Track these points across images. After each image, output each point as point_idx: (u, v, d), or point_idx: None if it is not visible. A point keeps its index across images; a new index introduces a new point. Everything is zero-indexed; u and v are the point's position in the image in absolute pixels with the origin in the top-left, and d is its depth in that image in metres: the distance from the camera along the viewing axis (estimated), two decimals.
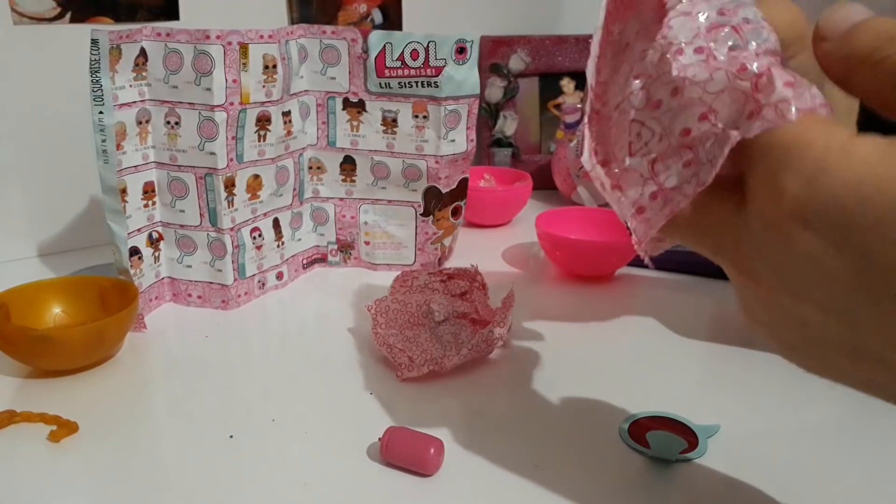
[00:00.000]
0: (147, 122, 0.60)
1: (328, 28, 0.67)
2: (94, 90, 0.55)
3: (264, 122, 0.63)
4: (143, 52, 0.59)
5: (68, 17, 0.73)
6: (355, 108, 0.69)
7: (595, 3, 0.32)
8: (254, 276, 0.66)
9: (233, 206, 0.63)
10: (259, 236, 0.66)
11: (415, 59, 0.66)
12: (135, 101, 0.59)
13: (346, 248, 0.74)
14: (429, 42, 0.66)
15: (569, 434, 0.46)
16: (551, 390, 0.51)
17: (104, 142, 0.56)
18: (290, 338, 0.60)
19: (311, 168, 0.71)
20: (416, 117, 0.68)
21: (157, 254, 0.64)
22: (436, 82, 0.67)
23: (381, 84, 0.68)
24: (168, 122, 0.61)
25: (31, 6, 0.71)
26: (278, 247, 0.69)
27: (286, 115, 0.66)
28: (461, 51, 0.66)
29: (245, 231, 0.64)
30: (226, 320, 0.63)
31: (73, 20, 0.73)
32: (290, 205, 0.70)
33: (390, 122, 0.69)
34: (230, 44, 0.59)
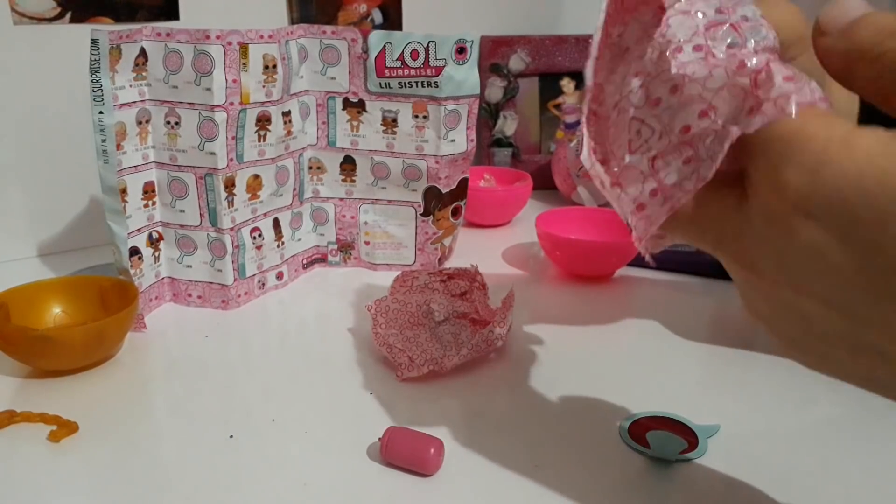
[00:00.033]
0: (147, 122, 0.60)
1: (328, 28, 0.67)
2: (94, 90, 0.55)
3: (264, 122, 0.63)
4: (143, 52, 0.59)
5: (68, 17, 0.73)
6: (355, 108, 0.69)
7: (595, 3, 0.32)
8: (254, 276, 0.66)
9: (233, 206, 0.63)
10: (259, 236, 0.66)
11: (415, 59, 0.66)
12: (135, 101, 0.59)
13: (346, 248, 0.74)
14: (429, 42, 0.66)
15: (569, 434, 0.46)
16: (551, 390, 0.51)
17: (104, 142, 0.56)
18: (290, 338, 0.60)
19: (311, 168, 0.71)
20: (416, 117, 0.68)
21: (157, 254, 0.64)
22: (436, 82, 0.67)
23: (381, 84, 0.68)
24: (168, 122, 0.61)
25: (31, 6, 0.71)
26: (278, 247, 0.69)
27: (286, 115, 0.66)
28: (461, 51, 0.66)
29: (245, 231, 0.64)
30: (226, 320, 0.63)
31: (73, 20, 0.73)
32: (290, 205, 0.70)
33: (390, 122, 0.69)
34: (230, 44, 0.59)
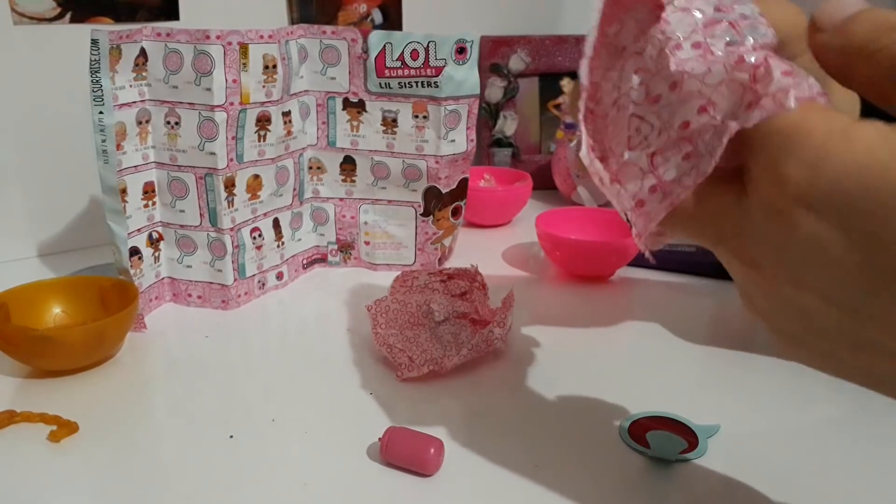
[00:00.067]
0: (147, 122, 0.60)
1: (328, 28, 0.67)
2: (94, 90, 0.55)
3: (264, 122, 0.63)
4: (143, 52, 0.59)
5: (68, 17, 0.73)
6: (355, 108, 0.69)
7: (595, 3, 0.32)
8: (254, 276, 0.66)
9: (233, 206, 0.63)
10: (259, 236, 0.66)
11: (415, 59, 0.66)
12: (135, 101, 0.59)
13: (346, 248, 0.74)
14: (429, 42, 0.66)
15: (569, 434, 0.46)
16: (551, 390, 0.51)
17: (104, 142, 0.56)
18: (290, 338, 0.60)
19: (311, 168, 0.71)
20: (416, 117, 0.68)
21: (157, 254, 0.64)
22: (436, 82, 0.67)
23: (381, 84, 0.68)
24: (168, 122, 0.61)
25: (31, 6, 0.71)
26: (278, 247, 0.69)
27: (286, 115, 0.66)
28: (461, 51, 0.66)
29: (245, 231, 0.64)
30: (226, 320, 0.63)
31: (73, 20, 0.73)
32: (290, 205, 0.70)
33: (390, 122, 0.69)
34: (230, 44, 0.59)
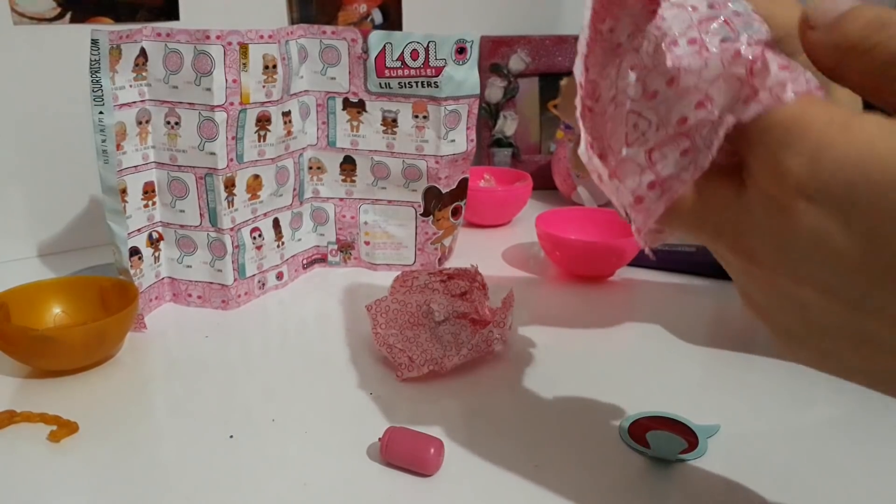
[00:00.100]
0: (147, 122, 0.60)
1: (328, 28, 0.67)
2: (94, 90, 0.55)
3: (264, 122, 0.63)
4: (143, 53, 0.59)
5: (68, 17, 0.73)
6: (355, 108, 0.69)
7: None
8: (254, 276, 0.66)
9: (233, 206, 0.63)
10: (259, 236, 0.66)
11: (415, 59, 0.66)
12: (135, 102, 0.59)
13: (346, 248, 0.74)
14: (429, 42, 0.66)
15: (569, 434, 0.46)
16: (551, 390, 0.51)
17: (104, 142, 0.56)
18: (290, 338, 0.60)
19: (311, 168, 0.71)
20: (416, 117, 0.68)
21: (157, 254, 0.64)
22: (436, 82, 0.67)
23: (381, 84, 0.68)
24: (168, 123, 0.61)
25: (31, 6, 0.71)
26: (278, 247, 0.69)
27: (286, 115, 0.66)
28: (461, 51, 0.66)
29: (245, 231, 0.65)
30: (226, 320, 0.63)
31: (73, 20, 0.73)
32: (290, 205, 0.70)
33: (390, 122, 0.69)
34: (230, 44, 0.59)
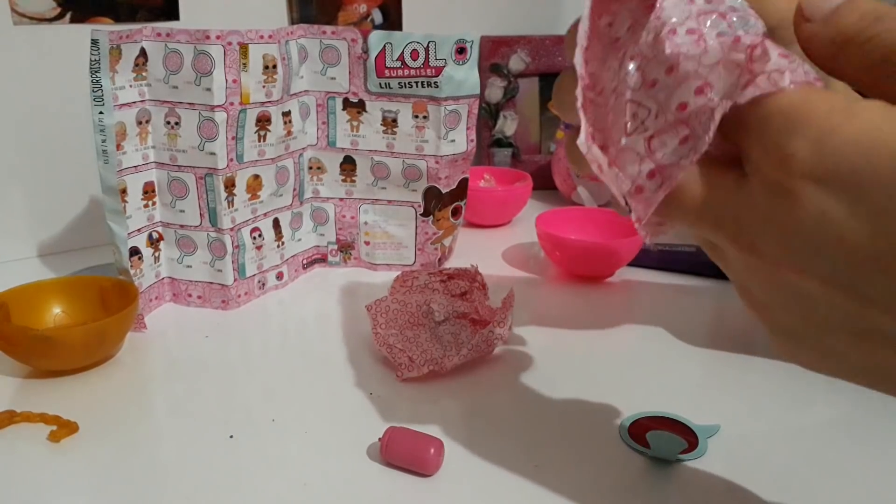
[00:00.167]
0: (147, 122, 0.61)
1: (328, 28, 0.67)
2: (94, 90, 0.55)
3: (264, 122, 0.63)
4: (143, 53, 0.59)
5: (68, 17, 0.73)
6: (355, 108, 0.69)
7: None
8: (254, 276, 0.66)
9: (233, 206, 0.63)
10: (259, 236, 0.66)
11: (415, 59, 0.66)
12: (135, 102, 0.59)
13: (346, 248, 0.74)
14: (429, 42, 0.66)
15: (569, 434, 0.46)
16: (551, 390, 0.51)
17: (104, 142, 0.56)
18: (290, 338, 0.60)
19: (311, 168, 0.71)
20: (416, 117, 0.68)
21: (157, 254, 0.64)
22: (436, 82, 0.67)
23: (381, 84, 0.68)
24: (168, 123, 0.61)
25: (31, 6, 0.71)
26: (278, 247, 0.69)
27: (286, 115, 0.66)
28: (461, 51, 0.66)
29: (245, 231, 0.65)
30: (226, 320, 0.63)
31: (73, 20, 0.73)
32: (290, 205, 0.70)
33: (390, 123, 0.69)
34: (230, 44, 0.59)
